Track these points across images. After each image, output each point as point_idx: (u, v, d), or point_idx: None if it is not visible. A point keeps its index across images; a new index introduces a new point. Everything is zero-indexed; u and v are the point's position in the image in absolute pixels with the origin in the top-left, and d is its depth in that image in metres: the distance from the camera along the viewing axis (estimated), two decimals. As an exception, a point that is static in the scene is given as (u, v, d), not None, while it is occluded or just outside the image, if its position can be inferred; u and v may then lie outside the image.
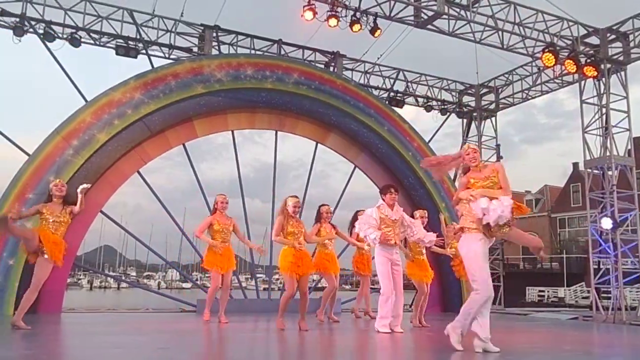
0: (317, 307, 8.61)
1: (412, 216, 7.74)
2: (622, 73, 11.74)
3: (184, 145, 10.60)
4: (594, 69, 11.22)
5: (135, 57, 11.24)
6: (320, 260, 8.15)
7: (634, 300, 12.52)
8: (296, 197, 7.01)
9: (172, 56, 11.89)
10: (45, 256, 6.30)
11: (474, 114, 15.10)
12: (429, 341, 6.35)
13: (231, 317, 8.32)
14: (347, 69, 13.57)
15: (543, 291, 28.65)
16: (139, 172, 10.12)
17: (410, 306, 11.46)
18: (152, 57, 11.23)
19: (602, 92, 11.64)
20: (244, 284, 12.63)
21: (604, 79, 11.58)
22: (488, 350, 4.82)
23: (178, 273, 58.93)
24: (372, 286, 9.99)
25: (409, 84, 14.40)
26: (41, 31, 10.59)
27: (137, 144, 9.84)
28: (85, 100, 9.55)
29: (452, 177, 12.64)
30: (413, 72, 14.34)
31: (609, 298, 11.25)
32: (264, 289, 12.79)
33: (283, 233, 6.78)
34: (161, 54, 11.85)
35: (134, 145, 9.78)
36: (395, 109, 12.67)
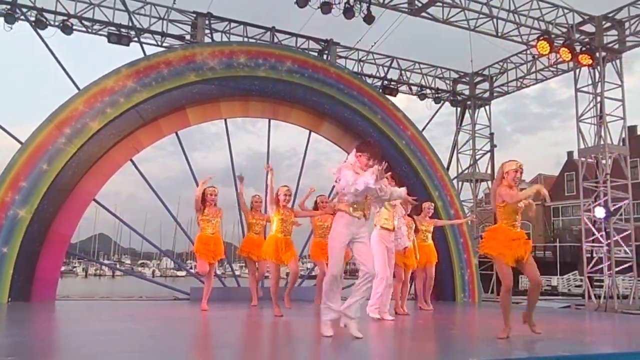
0: (313, 295, 8.74)
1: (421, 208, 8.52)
2: (617, 61, 11.77)
3: (176, 133, 10.53)
4: (589, 57, 11.23)
5: (128, 44, 11.17)
6: (314, 247, 8.29)
7: (626, 288, 12.64)
8: (287, 186, 7.21)
9: (164, 44, 11.82)
10: None
11: (468, 102, 15.11)
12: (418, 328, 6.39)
13: (224, 305, 8.38)
14: (340, 57, 13.53)
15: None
16: (132, 161, 10.07)
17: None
18: (144, 45, 11.12)
19: (596, 80, 11.67)
20: (237, 272, 12.65)
21: (598, 67, 11.60)
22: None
23: (172, 261, 59.11)
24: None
25: (403, 72, 14.39)
26: (33, 19, 10.50)
27: (130, 133, 9.76)
28: (78, 89, 9.47)
29: (445, 166, 12.69)
30: (407, 60, 14.33)
31: (602, 287, 11.35)
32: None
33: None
34: (154, 42, 11.79)
35: (126, 134, 9.70)
36: (389, 97, 12.63)
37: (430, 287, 8.66)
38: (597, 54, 11.47)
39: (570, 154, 35.87)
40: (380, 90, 13.03)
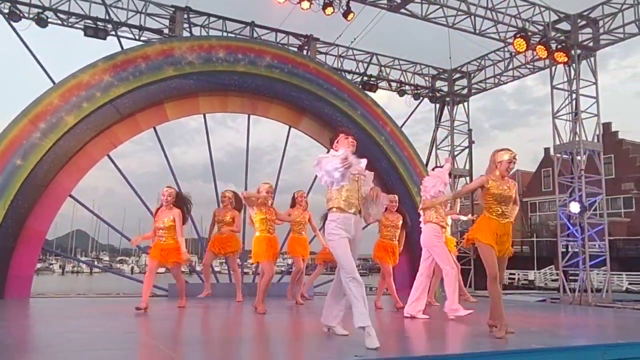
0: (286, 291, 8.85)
1: None
2: (592, 59, 11.92)
3: (154, 128, 10.46)
4: (565, 54, 11.37)
5: (104, 38, 11.03)
6: (291, 243, 8.35)
7: (600, 282, 12.84)
8: (268, 183, 7.19)
9: (142, 38, 11.68)
10: None
11: (447, 98, 15.20)
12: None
13: (202, 301, 8.34)
14: (320, 53, 13.52)
15: (514, 274, 29.21)
16: (109, 156, 9.98)
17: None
18: (121, 39, 11.03)
19: (572, 78, 11.81)
20: (217, 269, 12.61)
21: (574, 64, 11.74)
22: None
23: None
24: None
25: (383, 68, 14.42)
26: (6, 10, 10.30)
27: (107, 127, 9.68)
28: (53, 82, 9.34)
29: (424, 162, 12.77)
30: (386, 57, 14.36)
31: (577, 280, 11.53)
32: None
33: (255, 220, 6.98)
34: (131, 36, 11.66)
35: (103, 129, 9.62)
36: (369, 93, 12.68)
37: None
38: (573, 52, 11.63)
39: (547, 150, 36.37)
40: (360, 86, 13.07)
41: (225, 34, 12.07)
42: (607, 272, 11.95)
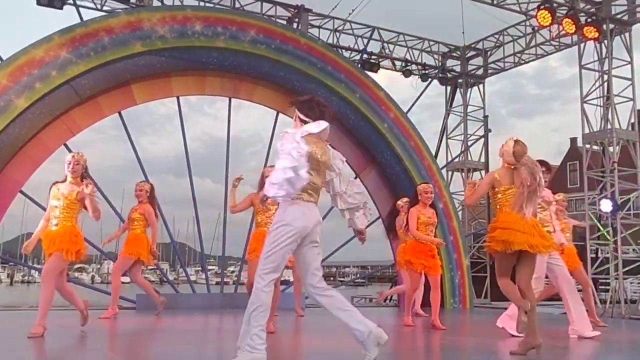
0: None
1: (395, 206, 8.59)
2: (627, 35, 11.96)
3: (120, 113, 10.40)
4: (595, 29, 11.39)
5: (61, 8, 10.95)
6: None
7: (635, 292, 12.95)
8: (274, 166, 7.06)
9: (105, 7, 11.64)
10: None
11: (459, 80, 15.23)
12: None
13: (179, 314, 8.32)
14: (313, 26, 13.50)
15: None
16: (65, 145, 9.90)
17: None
18: (81, 9, 10.91)
19: (603, 56, 11.85)
20: (193, 278, 12.59)
21: (605, 41, 11.78)
22: None
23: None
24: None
25: (385, 44, 14.41)
26: (-56, -26, 10.17)
27: (64, 112, 9.61)
28: (0, 59, 9.25)
29: (433, 153, 12.79)
30: (390, 31, 14.36)
31: (608, 290, 11.59)
32: (217, 282, 12.76)
33: None
34: (92, 5, 11.61)
35: (59, 114, 9.56)
36: (369, 73, 12.66)
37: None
38: (604, 26, 11.65)
39: (573, 140, 36.51)
40: (359, 66, 13.05)
41: (202, 3, 12.01)
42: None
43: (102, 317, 7.73)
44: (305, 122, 4.25)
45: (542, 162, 5.76)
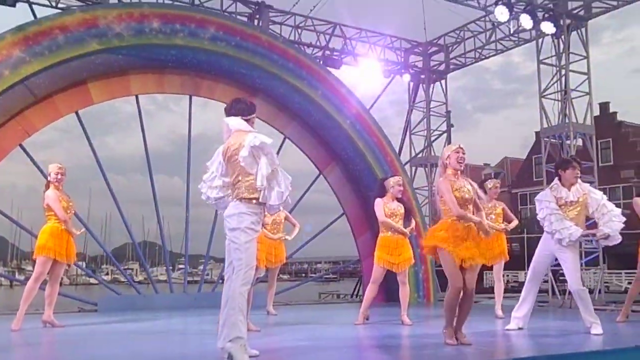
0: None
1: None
2: (583, 30, 12.16)
3: (77, 113, 10.26)
4: (552, 24, 11.56)
5: (13, 5, 10.75)
6: None
7: (596, 282, 13.16)
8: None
9: (60, 5, 11.44)
10: None
11: (422, 75, 15.32)
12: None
13: (148, 315, 8.23)
14: (274, 23, 13.45)
15: (502, 275, 29.60)
16: (21, 146, 9.77)
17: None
18: (35, 6, 10.78)
19: (560, 51, 12.03)
20: (163, 277, 12.48)
21: (562, 36, 11.96)
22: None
23: (84, 266, 57.57)
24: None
25: (347, 41, 14.41)
26: None
27: (18, 112, 9.47)
28: (-50, 58, 9.04)
29: (396, 149, 12.85)
30: (352, 28, 14.37)
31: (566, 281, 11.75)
32: (189, 282, 12.63)
33: None
34: (46, 2, 11.40)
35: (14, 114, 9.42)
36: (331, 70, 12.67)
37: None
38: (561, 22, 11.83)
39: (538, 134, 36.91)
40: (321, 62, 13.04)
41: (161, 0, 11.88)
42: (599, 270, 12.23)
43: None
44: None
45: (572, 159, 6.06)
